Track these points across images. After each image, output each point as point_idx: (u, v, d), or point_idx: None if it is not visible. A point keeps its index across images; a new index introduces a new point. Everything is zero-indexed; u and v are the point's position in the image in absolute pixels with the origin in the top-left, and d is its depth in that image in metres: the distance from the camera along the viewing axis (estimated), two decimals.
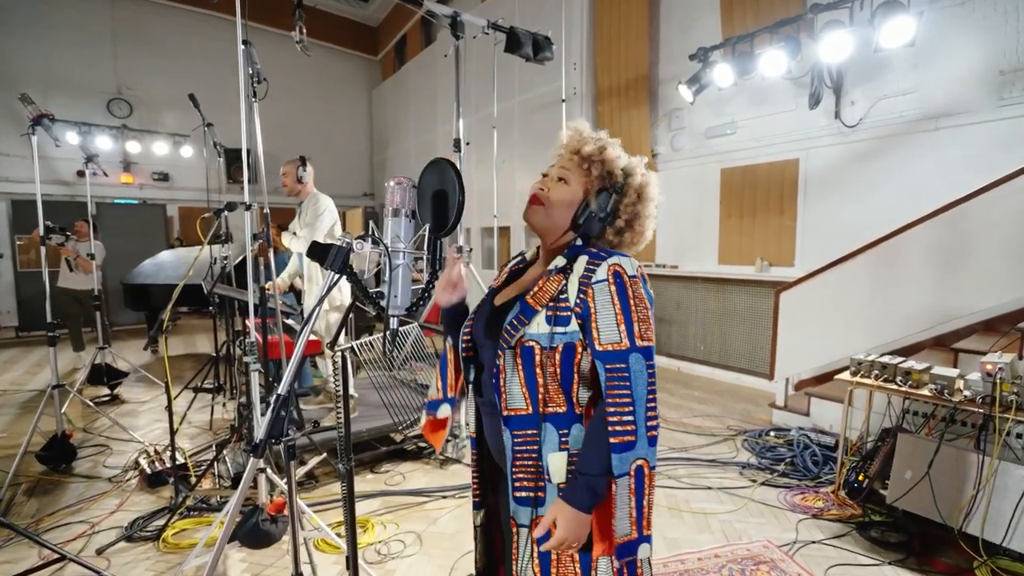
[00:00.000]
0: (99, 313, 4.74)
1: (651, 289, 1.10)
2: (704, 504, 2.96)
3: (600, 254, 1.08)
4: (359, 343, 3.22)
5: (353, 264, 1.20)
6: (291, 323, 3.77)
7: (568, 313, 1.05)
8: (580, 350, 1.06)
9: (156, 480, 3.11)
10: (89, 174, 4.51)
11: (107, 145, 8.70)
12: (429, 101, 9.80)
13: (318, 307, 1.23)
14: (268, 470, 2.60)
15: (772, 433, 3.84)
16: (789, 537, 2.60)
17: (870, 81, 4.36)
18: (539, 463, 1.08)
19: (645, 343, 1.03)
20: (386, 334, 1.23)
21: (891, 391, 2.60)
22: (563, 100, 4.72)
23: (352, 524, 1.82)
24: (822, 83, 4.51)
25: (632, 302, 1.04)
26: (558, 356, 1.05)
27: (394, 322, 1.22)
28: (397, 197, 1.22)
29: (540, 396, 1.06)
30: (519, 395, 1.08)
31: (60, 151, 5.62)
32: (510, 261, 1.32)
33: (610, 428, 0.99)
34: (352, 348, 3.11)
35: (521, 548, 1.11)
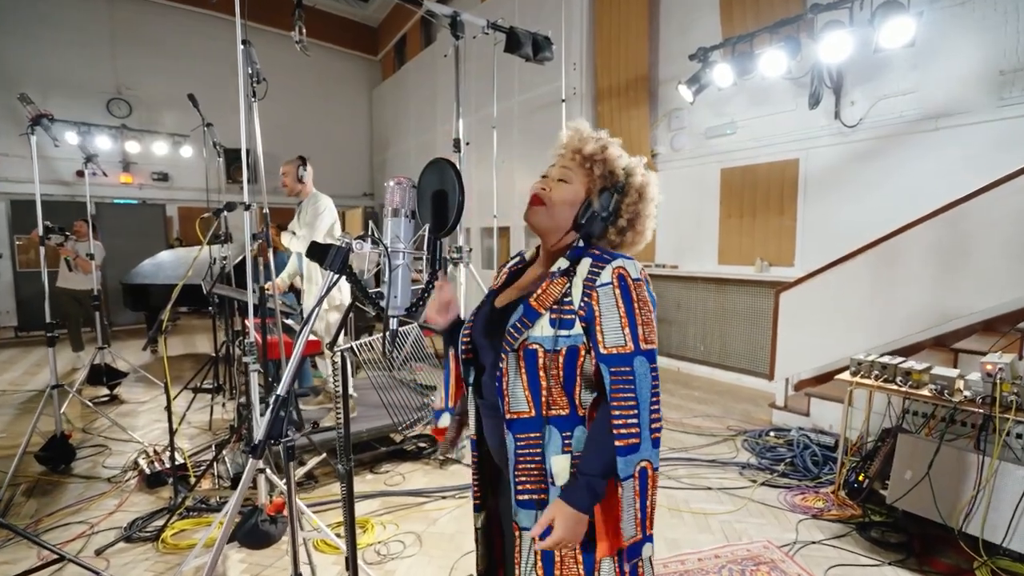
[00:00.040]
0: (98, 313, 4.73)
1: (653, 291, 1.10)
2: (704, 504, 2.96)
3: (604, 256, 1.07)
4: (359, 343, 3.21)
5: (353, 264, 1.19)
6: (290, 323, 3.77)
7: (572, 316, 1.05)
8: (583, 353, 1.06)
9: (155, 480, 3.10)
10: (88, 174, 4.50)
11: (106, 145, 8.70)
12: (429, 101, 9.80)
13: (317, 307, 1.22)
14: (267, 470, 2.60)
15: (772, 433, 3.84)
16: (789, 537, 2.60)
17: (870, 81, 4.36)
18: (543, 466, 1.08)
19: (649, 346, 1.03)
20: (386, 334, 1.22)
21: (891, 391, 2.60)
22: (563, 100, 4.72)
23: (351, 524, 1.82)
24: (822, 83, 4.51)
25: (636, 305, 1.04)
26: (561, 359, 1.05)
27: (394, 322, 1.22)
28: (397, 197, 1.21)
29: (543, 399, 1.06)
30: (522, 398, 1.07)
31: (59, 151, 5.62)
32: (509, 261, 1.32)
33: (615, 431, 0.99)
34: (352, 348, 3.10)
35: (524, 552, 1.10)
